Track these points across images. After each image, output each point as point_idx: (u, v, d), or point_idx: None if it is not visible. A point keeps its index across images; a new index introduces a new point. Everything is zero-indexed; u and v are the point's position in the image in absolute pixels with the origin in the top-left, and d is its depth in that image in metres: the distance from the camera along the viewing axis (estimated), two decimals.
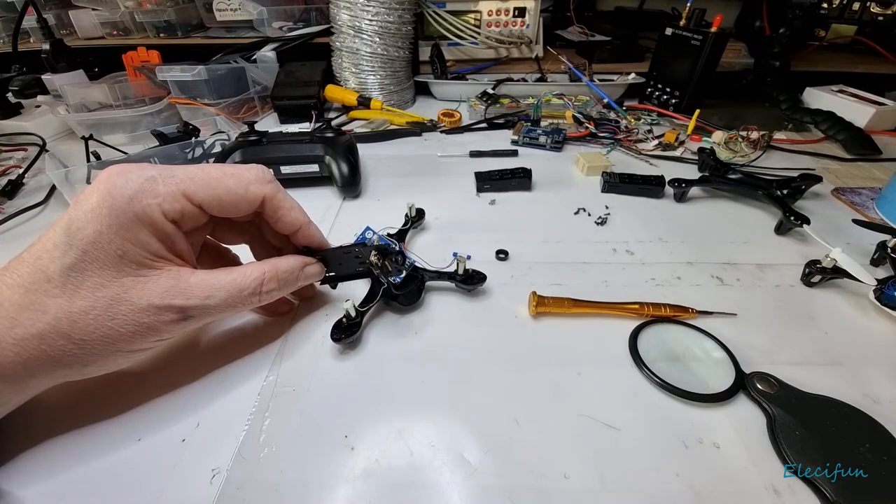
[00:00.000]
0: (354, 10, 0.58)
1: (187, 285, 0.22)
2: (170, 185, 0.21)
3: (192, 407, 0.24)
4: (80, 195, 0.20)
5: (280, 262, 0.25)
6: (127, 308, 0.20)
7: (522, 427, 0.23)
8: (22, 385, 0.20)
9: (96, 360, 0.21)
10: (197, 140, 0.49)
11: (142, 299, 0.21)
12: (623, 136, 0.54)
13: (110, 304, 0.20)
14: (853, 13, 0.59)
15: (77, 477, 0.21)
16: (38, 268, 0.19)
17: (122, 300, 0.20)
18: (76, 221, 0.20)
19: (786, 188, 0.40)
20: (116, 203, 0.20)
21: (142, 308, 0.21)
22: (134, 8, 0.77)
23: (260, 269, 0.24)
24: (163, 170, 0.22)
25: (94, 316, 0.20)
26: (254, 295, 0.24)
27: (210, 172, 0.23)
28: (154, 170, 0.22)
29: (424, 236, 0.38)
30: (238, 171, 0.24)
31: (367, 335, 0.28)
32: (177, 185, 0.22)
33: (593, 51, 0.76)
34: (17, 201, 0.45)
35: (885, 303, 0.29)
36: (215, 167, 0.24)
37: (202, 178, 0.22)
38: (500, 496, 0.20)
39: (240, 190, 0.23)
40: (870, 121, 0.56)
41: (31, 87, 0.66)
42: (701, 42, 0.54)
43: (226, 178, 0.23)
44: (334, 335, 0.26)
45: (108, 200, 0.20)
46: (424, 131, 0.58)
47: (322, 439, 0.23)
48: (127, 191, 0.20)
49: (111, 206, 0.20)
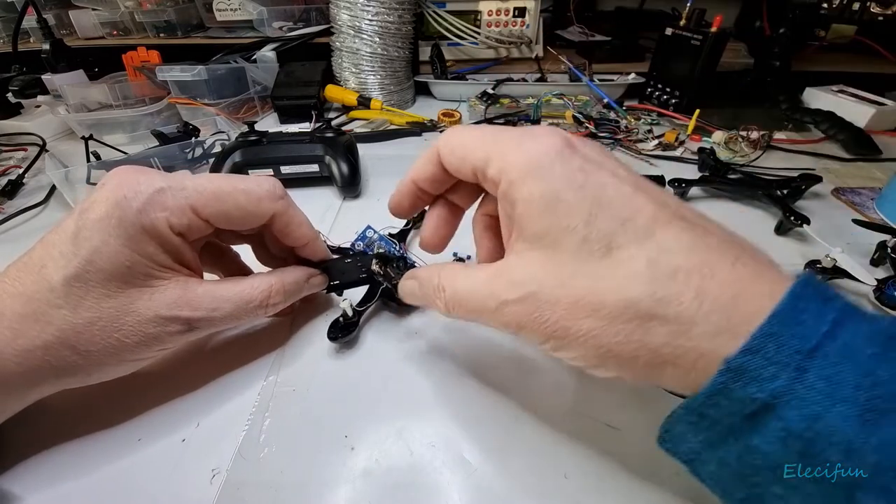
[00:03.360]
0: (354, 10, 0.58)
1: (194, 296, 0.22)
2: (179, 199, 0.21)
3: (192, 407, 0.24)
4: (87, 202, 0.20)
5: (286, 274, 0.26)
6: (133, 319, 0.20)
7: (523, 427, 0.23)
8: (24, 394, 0.20)
9: (100, 370, 0.21)
10: (197, 140, 0.49)
11: (149, 310, 0.20)
12: (623, 136, 0.54)
13: (116, 316, 0.20)
14: (853, 13, 0.59)
15: (77, 477, 0.21)
16: (42, 276, 0.19)
17: (129, 311, 0.20)
18: (83, 230, 0.19)
19: (786, 188, 0.40)
20: (125, 214, 0.20)
21: (148, 319, 0.20)
22: (134, 8, 0.77)
23: (267, 281, 0.24)
24: (172, 180, 0.21)
25: (100, 327, 0.20)
26: (260, 307, 0.24)
27: (221, 186, 0.22)
28: (163, 179, 0.21)
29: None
30: (249, 186, 0.23)
31: (367, 335, 0.28)
32: (186, 198, 0.21)
33: (593, 51, 0.76)
34: (16, 201, 0.45)
35: (885, 303, 0.29)
36: (226, 179, 0.23)
37: (212, 193, 0.22)
38: (500, 496, 0.20)
39: (250, 206, 0.23)
40: (870, 121, 0.55)
41: (31, 87, 0.66)
42: (701, 42, 0.54)
43: (236, 194, 0.22)
44: (331, 334, 0.26)
45: (116, 211, 0.19)
46: (424, 131, 0.58)
47: (322, 439, 0.23)
48: (136, 202, 0.20)
49: (120, 218, 0.19)
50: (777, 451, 0.12)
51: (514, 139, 0.18)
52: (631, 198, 0.15)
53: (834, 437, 0.11)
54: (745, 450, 0.13)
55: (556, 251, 0.16)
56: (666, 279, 0.14)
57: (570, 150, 0.17)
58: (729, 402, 0.13)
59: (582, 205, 0.15)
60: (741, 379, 0.12)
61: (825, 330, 0.12)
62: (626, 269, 0.14)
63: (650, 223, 0.15)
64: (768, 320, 0.12)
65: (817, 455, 0.11)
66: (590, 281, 0.15)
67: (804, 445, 0.12)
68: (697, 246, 0.14)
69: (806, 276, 0.13)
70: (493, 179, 0.18)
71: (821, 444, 0.11)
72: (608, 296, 0.15)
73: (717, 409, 0.13)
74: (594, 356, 0.16)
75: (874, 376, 0.11)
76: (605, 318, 0.15)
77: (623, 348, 0.15)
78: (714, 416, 0.13)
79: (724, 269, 0.14)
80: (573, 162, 0.16)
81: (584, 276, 0.15)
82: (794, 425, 0.12)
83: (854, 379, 0.11)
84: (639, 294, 0.14)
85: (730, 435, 0.13)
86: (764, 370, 0.12)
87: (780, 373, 0.12)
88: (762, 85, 0.64)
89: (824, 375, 0.12)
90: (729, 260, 0.14)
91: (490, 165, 0.18)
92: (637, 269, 0.14)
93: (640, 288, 0.14)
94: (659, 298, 0.14)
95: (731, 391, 0.13)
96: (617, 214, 0.15)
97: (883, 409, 0.11)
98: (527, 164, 0.17)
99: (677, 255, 0.14)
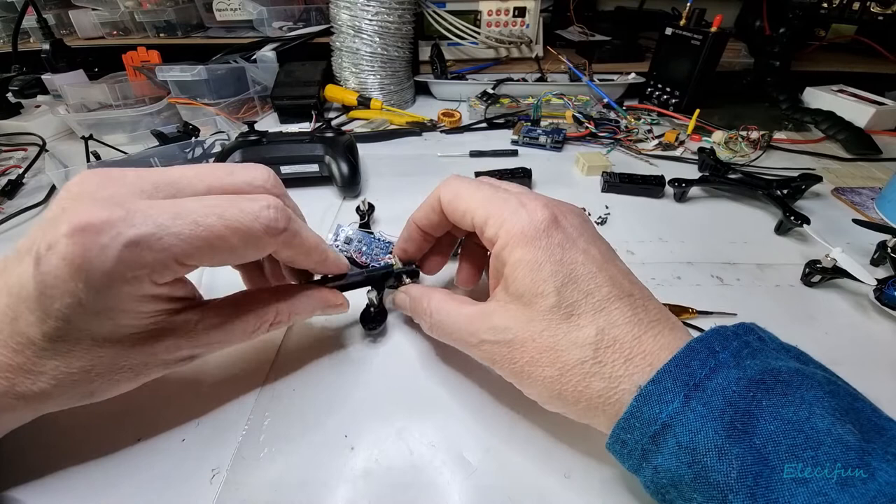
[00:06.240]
0: (354, 9, 0.58)
1: (194, 335, 0.20)
2: (157, 252, 0.17)
3: (192, 407, 0.24)
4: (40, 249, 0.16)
5: (298, 303, 0.24)
6: (132, 362, 0.19)
7: (523, 427, 0.23)
8: (31, 416, 0.20)
9: (103, 395, 0.20)
10: (197, 140, 0.49)
11: (147, 356, 0.19)
12: (623, 135, 0.54)
13: (113, 361, 0.19)
14: (853, 13, 0.59)
15: (76, 477, 0.21)
16: (17, 330, 0.17)
17: (126, 356, 0.19)
18: (46, 289, 0.16)
19: (786, 188, 0.40)
20: (91, 279, 0.16)
21: (147, 361, 0.19)
22: (134, 8, 0.77)
23: (274, 310, 0.23)
24: (147, 224, 0.16)
25: (97, 373, 0.18)
26: (262, 332, 0.23)
27: (210, 227, 0.18)
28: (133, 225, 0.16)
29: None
30: (244, 223, 0.19)
31: (367, 335, 0.28)
32: (166, 250, 0.17)
33: (593, 51, 0.76)
34: (16, 201, 0.45)
35: (885, 303, 0.29)
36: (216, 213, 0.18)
37: (199, 238, 0.17)
38: (500, 496, 0.20)
39: (248, 251, 0.20)
40: (870, 120, 0.55)
41: (31, 87, 0.66)
42: (701, 42, 0.54)
43: (229, 237, 0.18)
44: (367, 326, 0.27)
45: (79, 274, 0.16)
46: (424, 131, 0.58)
47: (322, 439, 0.23)
48: (102, 265, 0.16)
49: (86, 282, 0.16)
50: (674, 465, 0.16)
51: (510, 205, 0.21)
52: (595, 276, 0.19)
53: (709, 443, 0.15)
54: (654, 471, 0.17)
55: (531, 309, 0.20)
56: (606, 348, 0.18)
57: (555, 227, 0.20)
58: (640, 423, 0.17)
59: (557, 276, 0.19)
60: (648, 403, 0.17)
61: (704, 373, 0.16)
62: (581, 334, 0.19)
63: (603, 300, 0.19)
64: (668, 363, 0.17)
65: (699, 462, 0.15)
66: (553, 339, 0.19)
67: (690, 456, 0.16)
68: (633, 321, 0.19)
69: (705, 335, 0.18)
70: (489, 239, 0.22)
71: (700, 451, 0.15)
72: (565, 354, 0.19)
73: (631, 433, 0.17)
74: (547, 395, 0.20)
75: (735, 405, 0.16)
76: (560, 369, 0.19)
77: (570, 394, 0.19)
78: (630, 442, 0.17)
79: (649, 339, 0.18)
80: (555, 237, 0.20)
81: (549, 334, 0.19)
82: (683, 439, 0.16)
83: (721, 406, 0.16)
84: (586, 356, 0.18)
85: (643, 460, 0.17)
86: (663, 395, 0.17)
87: (673, 398, 0.16)
88: (762, 85, 0.64)
89: (702, 402, 0.16)
90: (655, 332, 0.19)
91: (488, 227, 0.21)
92: (588, 336, 0.19)
93: (589, 352, 0.18)
94: (599, 361, 0.18)
95: (641, 413, 0.17)
96: (582, 289, 0.19)
97: (739, 430, 0.15)
98: (519, 233, 0.20)
99: (619, 328, 0.19)
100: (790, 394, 0.15)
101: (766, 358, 0.17)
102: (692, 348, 0.17)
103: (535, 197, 0.22)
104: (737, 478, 0.15)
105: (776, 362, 0.17)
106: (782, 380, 0.16)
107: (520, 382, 0.21)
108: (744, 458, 0.15)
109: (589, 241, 0.21)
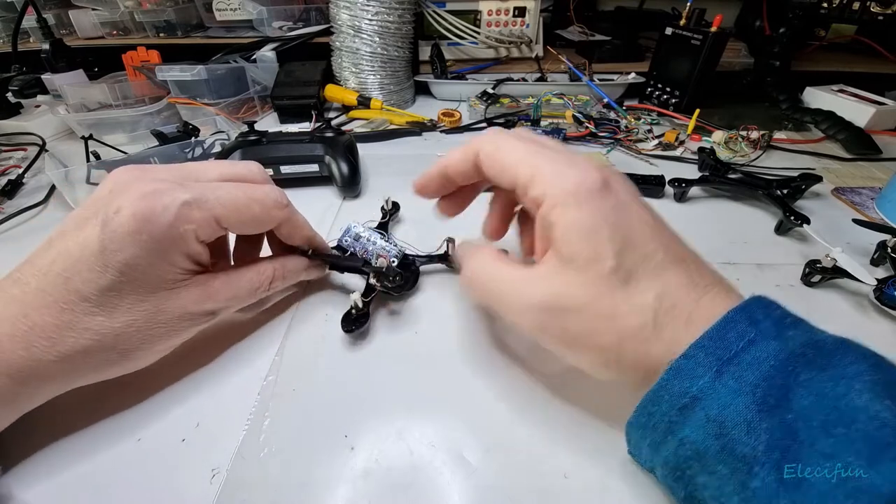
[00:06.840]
0: (354, 9, 0.58)
1: (214, 290, 0.24)
2: (204, 212, 0.22)
3: (192, 407, 0.24)
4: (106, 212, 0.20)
5: (288, 262, 0.28)
6: (165, 317, 0.22)
7: (523, 427, 0.23)
8: (64, 386, 0.22)
9: (136, 361, 0.23)
10: (197, 140, 0.49)
11: (179, 308, 0.23)
12: (623, 135, 0.54)
13: (151, 315, 0.22)
14: (853, 13, 0.59)
15: (77, 477, 0.21)
16: (71, 289, 0.20)
17: (161, 310, 0.22)
18: (112, 244, 0.20)
19: (786, 188, 0.40)
20: (156, 230, 0.20)
21: (179, 316, 0.23)
22: (134, 8, 0.77)
23: (271, 268, 0.27)
24: (194, 192, 0.22)
25: (136, 328, 0.21)
26: (264, 290, 0.27)
27: (238, 197, 0.23)
28: (185, 192, 0.21)
29: (424, 236, 0.38)
30: (259, 196, 0.24)
31: (368, 335, 0.28)
32: (210, 210, 0.22)
33: (593, 50, 0.76)
34: (16, 201, 0.45)
35: (885, 303, 0.29)
36: (240, 189, 0.24)
37: (232, 204, 0.23)
38: (500, 496, 0.20)
39: (263, 216, 0.25)
40: (870, 120, 0.55)
41: (30, 86, 0.66)
42: (701, 42, 0.54)
43: (252, 205, 0.24)
44: (345, 326, 0.27)
45: (146, 226, 0.20)
46: (424, 131, 0.58)
47: (322, 439, 0.23)
48: (165, 218, 0.20)
49: (150, 233, 0.20)
50: (700, 437, 0.16)
51: (558, 164, 0.20)
52: (650, 240, 0.19)
53: (738, 417, 0.15)
54: (679, 444, 0.17)
55: (586, 274, 0.19)
56: (665, 312, 0.18)
57: (607, 189, 0.19)
58: (669, 395, 0.17)
59: (615, 240, 0.18)
60: (678, 377, 0.17)
61: (741, 345, 0.16)
62: (640, 299, 0.18)
63: (660, 265, 0.18)
64: (701, 337, 0.17)
65: (727, 434, 0.15)
66: (612, 305, 0.18)
67: (718, 428, 0.15)
68: (690, 285, 0.18)
69: (746, 303, 0.18)
70: (534, 199, 0.20)
71: (729, 424, 0.15)
72: (623, 319, 0.18)
73: (659, 405, 0.17)
74: (602, 363, 0.19)
75: (770, 380, 0.15)
76: (619, 335, 0.18)
77: (628, 361, 0.18)
78: (657, 414, 0.17)
79: (706, 302, 0.18)
80: (609, 200, 0.19)
81: (608, 300, 0.18)
82: (712, 412, 0.16)
83: (755, 380, 0.15)
84: (647, 321, 0.18)
85: (668, 433, 0.17)
86: (694, 371, 0.16)
87: (704, 373, 0.16)
88: (762, 85, 0.64)
89: (735, 376, 0.16)
90: (711, 295, 0.18)
91: (534, 186, 0.20)
92: (648, 300, 0.18)
93: (649, 316, 0.18)
94: (659, 325, 0.18)
95: (671, 386, 0.17)
96: (640, 253, 0.18)
97: (771, 405, 0.15)
98: (570, 193, 0.19)
99: (678, 292, 0.18)
100: (830, 368, 0.15)
101: (809, 327, 0.17)
102: (730, 319, 0.17)
103: (585, 160, 0.21)
104: (764, 451, 0.14)
105: (820, 333, 0.17)
106: (825, 352, 0.16)
107: (571, 351, 0.20)
108: (773, 433, 0.14)
109: (640, 206, 0.20)
